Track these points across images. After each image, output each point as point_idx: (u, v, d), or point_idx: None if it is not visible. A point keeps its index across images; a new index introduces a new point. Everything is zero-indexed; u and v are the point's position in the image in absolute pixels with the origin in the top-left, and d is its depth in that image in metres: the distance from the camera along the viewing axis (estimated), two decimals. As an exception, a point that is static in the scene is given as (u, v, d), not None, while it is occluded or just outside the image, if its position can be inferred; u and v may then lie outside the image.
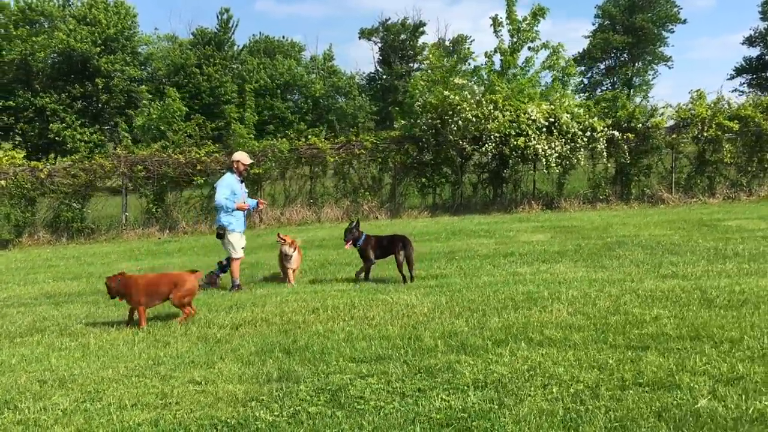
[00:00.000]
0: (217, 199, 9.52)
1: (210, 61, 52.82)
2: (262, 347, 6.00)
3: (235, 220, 9.65)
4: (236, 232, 9.66)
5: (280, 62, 57.25)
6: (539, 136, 18.05)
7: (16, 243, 18.19)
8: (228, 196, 9.52)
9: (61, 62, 48.33)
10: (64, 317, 8.12)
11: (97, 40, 47.61)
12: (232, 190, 9.60)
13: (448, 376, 4.91)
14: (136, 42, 54.17)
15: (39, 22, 52.87)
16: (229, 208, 9.54)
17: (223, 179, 9.76)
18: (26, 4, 50.68)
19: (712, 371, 4.69)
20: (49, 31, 49.80)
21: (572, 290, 7.70)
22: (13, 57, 46.73)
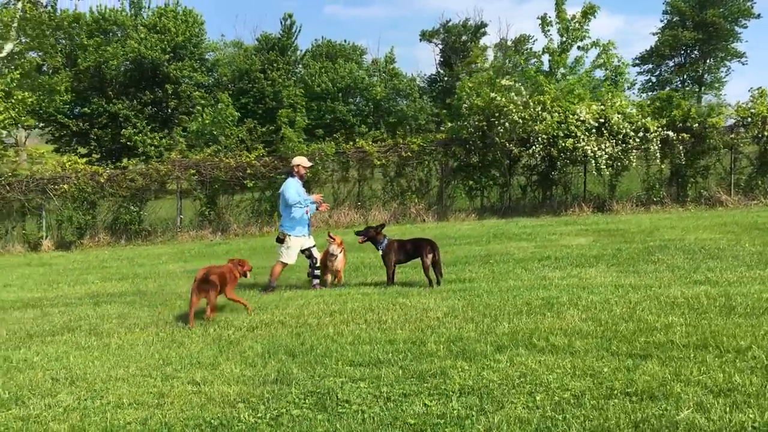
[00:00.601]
0: (291, 198, 9.71)
1: (273, 66, 53.65)
2: (268, 349, 6.12)
3: (297, 225, 9.85)
4: (298, 237, 9.83)
5: (341, 66, 57.67)
6: (588, 137, 17.68)
7: (78, 244, 18.99)
8: (296, 196, 9.76)
9: (133, 70, 49.94)
10: (98, 317, 8.44)
11: (166, 48, 49.01)
12: (297, 192, 9.81)
13: (437, 382, 4.92)
14: (203, 49, 55.45)
15: (112, 31, 54.83)
16: (305, 201, 9.80)
17: (287, 183, 9.97)
18: (100, 14, 52.63)
19: (706, 381, 4.56)
20: (122, 40, 51.61)
21: (593, 296, 7.57)
22: (87, 65, 48.65)
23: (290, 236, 9.79)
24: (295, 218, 9.79)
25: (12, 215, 19.41)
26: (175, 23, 50.96)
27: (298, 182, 10.00)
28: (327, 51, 62.89)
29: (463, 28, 62.47)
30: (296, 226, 9.83)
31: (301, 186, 10.06)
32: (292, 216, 9.79)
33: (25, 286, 12.42)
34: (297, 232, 9.83)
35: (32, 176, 19.20)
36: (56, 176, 19.16)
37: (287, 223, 9.87)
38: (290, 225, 9.83)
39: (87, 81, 49.95)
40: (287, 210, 9.84)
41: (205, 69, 54.06)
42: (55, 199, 18.97)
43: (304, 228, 9.93)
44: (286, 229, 9.86)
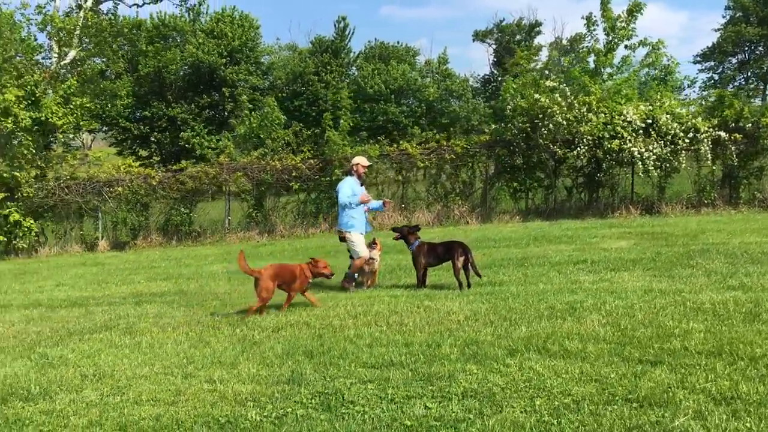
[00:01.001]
0: (341, 199, 9.87)
1: (327, 69, 54.19)
2: (288, 350, 6.28)
3: (356, 222, 9.92)
4: (358, 232, 9.91)
5: (394, 67, 57.80)
6: (635, 138, 17.36)
7: (131, 245, 19.64)
8: (351, 196, 9.84)
9: (191, 74, 51.16)
10: (137, 316, 8.77)
11: (223, 52, 50.06)
12: (353, 191, 9.90)
13: (443, 385, 5.00)
14: (259, 52, 56.34)
15: (171, 36, 56.29)
16: (352, 203, 9.81)
17: (343, 182, 10.12)
18: (160, 20, 54.06)
19: (711, 389, 4.53)
20: (181, 45, 52.93)
21: (619, 301, 7.50)
22: (148, 71, 50.06)
23: (351, 232, 9.88)
24: (351, 216, 9.89)
25: (70, 216, 20.21)
26: (231, 28, 52.05)
27: (356, 181, 10.09)
28: (380, 53, 63.22)
29: (517, 27, 62.18)
30: (353, 223, 9.90)
31: (358, 185, 10.11)
32: (347, 214, 9.89)
33: (76, 285, 12.95)
34: (355, 229, 9.90)
35: (89, 179, 19.94)
36: (111, 179, 19.86)
37: (344, 221, 9.96)
38: (347, 223, 9.92)
39: (147, 86, 51.46)
40: (343, 208, 9.96)
41: (260, 72, 55.05)
42: (110, 201, 19.68)
43: (361, 226, 10.00)
44: (343, 227, 9.97)
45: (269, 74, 57.37)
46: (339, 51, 56.41)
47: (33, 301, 10.99)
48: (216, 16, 54.64)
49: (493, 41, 62.71)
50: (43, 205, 19.79)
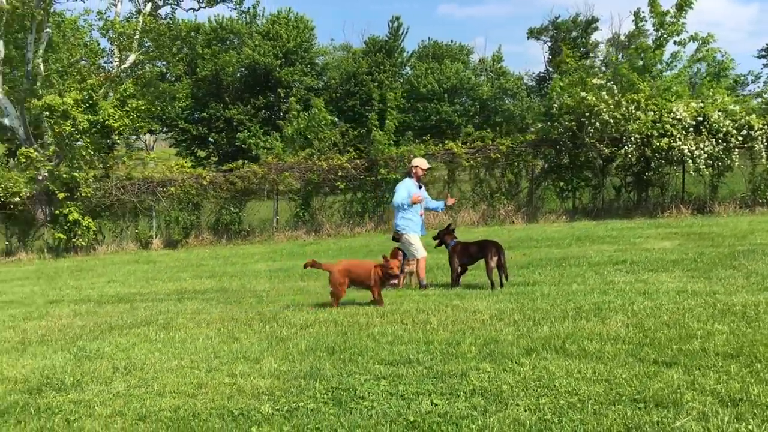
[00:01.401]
0: (394, 200, 9.92)
1: (380, 68, 54.42)
2: (312, 346, 6.43)
3: (411, 224, 9.93)
4: (412, 233, 9.93)
5: (447, 66, 57.65)
6: (685, 136, 16.97)
7: (183, 243, 20.24)
8: (405, 198, 9.84)
9: (247, 76, 52.11)
10: (176, 312, 9.08)
11: (278, 54, 50.89)
12: (409, 193, 9.89)
13: (454, 382, 5.05)
14: (313, 53, 56.98)
15: (229, 39, 57.46)
16: (404, 204, 9.81)
17: (401, 183, 10.15)
18: (218, 23, 55.22)
19: (721, 391, 4.47)
20: (238, 48, 53.99)
21: (649, 301, 7.43)
22: (206, 73, 51.26)
23: (404, 234, 9.89)
24: (406, 218, 9.90)
25: (126, 215, 20.94)
26: (286, 29, 52.89)
27: (414, 183, 10.07)
28: (433, 52, 63.23)
29: (573, 24, 61.27)
30: (408, 224, 9.91)
31: (416, 187, 10.08)
32: (402, 215, 9.91)
33: (127, 282, 13.46)
34: (410, 230, 9.91)
35: (144, 179, 20.62)
36: (165, 179, 20.50)
37: (400, 222, 9.96)
38: (403, 224, 9.93)
39: (205, 88, 52.71)
40: (397, 210, 9.98)
41: (314, 73, 55.72)
42: (163, 200, 20.31)
43: (417, 227, 10.00)
44: (399, 227, 9.97)
45: (323, 75, 58.01)
46: (392, 51, 56.64)
47: (84, 297, 11.49)
48: (272, 18, 55.62)
49: (548, 38, 62.01)
50: (101, 205, 20.59)
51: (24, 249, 21.13)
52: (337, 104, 55.19)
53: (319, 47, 59.51)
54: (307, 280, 11.86)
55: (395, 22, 57.52)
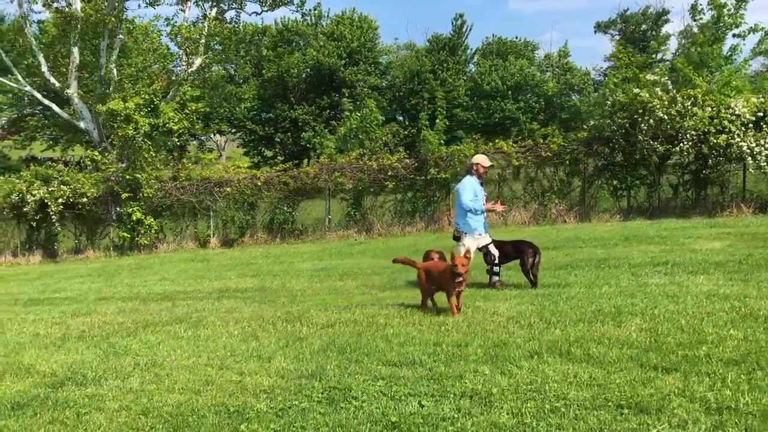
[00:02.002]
0: (464, 203, 9.53)
1: (443, 66, 54.29)
2: (324, 346, 6.58)
3: (476, 224, 9.68)
4: (473, 235, 9.65)
5: (511, 63, 56.97)
6: (744, 132, 16.33)
7: (239, 242, 20.77)
8: (472, 198, 9.55)
9: (312, 76, 52.86)
10: (211, 310, 9.42)
11: (342, 54, 51.46)
12: (474, 192, 9.62)
13: (449, 384, 5.13)
14: (377, 53, 57.31)
15: (295, 40, 58.45)
16: (477, 209, 9.55)
17: (463, 182, 9.77)
18: (284, 25, 56.19)
19: (710, 398, 4.41)
20: (303, 49, 54.84)
21: (674, 304, 7.30)
22: (271, 75, 52.32)
23: (465, 234, 9.68)
24: (473, 218, 9.64)
25: (186, 215, 21.63)
26: (350, 30, 53.40)
27: (476, 182, 9.74)
28: (498, 48, 62.59)
29: (643, 16, 59.56)
30: (471, 224, 9.65)
31: (479, 185, 9.78)
32: (468, 215, 9.62)
33: (177, 280, 13.94)
34: (472, 230, 9.67)
35: (202, 180, 21.25)
36: (221, 180, 21.08)
37: (462, 221, 9.72)
38: (464, 222, 9.68)
39: (272, 89, 53.78)
40: (461, 207, 9.67)
41: (378, 72, 56.04)
42: (220, 200, 20.89)
43: (479, 226, 9.73)
44: (461, 227, 9.75)
45: (387, 74, 58.29)
46: (456, 48, 56.39)
47: (133, 294, 11.99)
48: (336, 18, 56.30)
49: (616, 32, 60.46)
50: (162, 205, 21.34)
51: (92, 247, 22.12)
52: (400, 103, 55.37)
53: (383, 46, 59.80)
54: (345, 279, 12.03)
55: (459, 20, 57.24)
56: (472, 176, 9.76)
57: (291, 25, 56.71)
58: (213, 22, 29.03)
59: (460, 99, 52.58)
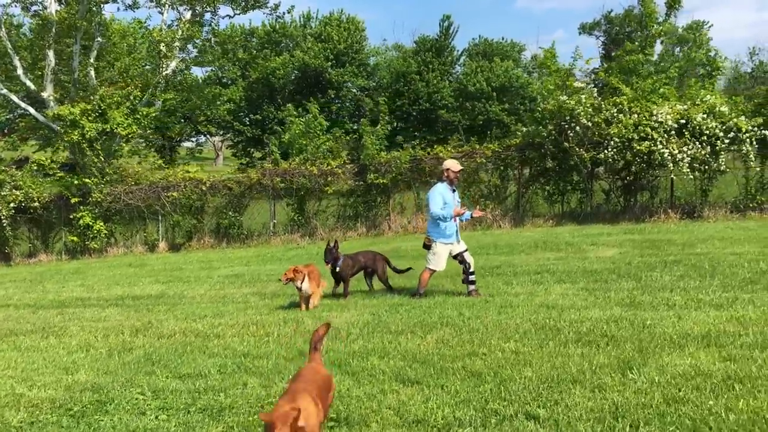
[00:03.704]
0: (433, 211, 9.24)
1: (429, 68, 54.46)
2: (140, 358, 6.90)
3: (445, 231, 9.37)
4: (445, 243, 9.40)
5: (497, 64, 57.04)
6: (667, 139, 16.50)
7: (186, 246, 21.07)
8: (442, 206, 9.20)
9: (299, 78, 53.07)
10: (86, 319, 9.74)
11: (329, 56, 51.67)
12: (443, 199, 9.26)
13: (204, 397, 5.40)
14: (364, 54, 57.47)
15: (283, 42, 58.75)
16: (446, 217, 9.21)
17: (433, 189, 9.44)
18: (271, 27, 56.42)
19: (412, 411, 4.67)
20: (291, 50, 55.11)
21: (500, 315, 7.64)
22: (257, 76, 52.63)
23: (436, 242, 9.38)
24: (443, 225, 9.35)
25: (135, 220, 21.91)
26: (338, 31, 53.64)
27: (447, 188, 9.38)
28: (484, 50, 62.70)
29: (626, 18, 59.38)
30: (443, 231, 9.36)
31: (449, 192, 9.38)
32: (438, 223, 9.34)
33: (94, 286, 14.10)
34: (444, 238, 9.37)
35: (150, 184, 21.52)
36: (169, 184, 21.34)
37: (433, 229, 9.45)
38: (436, 231, 9.40)
39: (258, 90, 54.12)
40: (431, 215, 9.43)
41: (365, 73, 56.27)
42: (167, 205, 21.16)
43: (452, 234, 9.44)
44: (432, 234, 9.45)
45: (374, 75, 58.51)
46: (442, 50, 56.58)
47: (35, 301, 12.30)
48: (324, 20, 56.65)
49: (601, 33, 60.48)
50: (111, 209, 21.62)
51: (45, 251, 22.46)
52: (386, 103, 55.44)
53: (371, 48, 60.02)
54: (245, 286, 12.26)
55: (446, 21, 57.45)
56: (443, 182, 9.45)
57: (278, 28, 57.04)
58: (185, 25, 29.04)
59: (445, 100, 52.88)
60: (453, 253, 9.50)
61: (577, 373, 5.20)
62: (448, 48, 57.76)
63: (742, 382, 4.71)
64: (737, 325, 6.31)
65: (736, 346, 5.59)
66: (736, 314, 6.81)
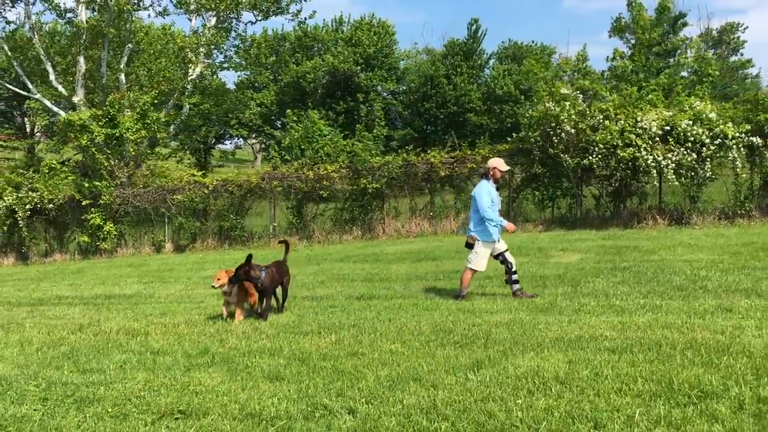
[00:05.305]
0: (484, 210, 9.12)
1: (457, 71, 54.56)
2: (61, 354, 7.36)
3: (489, 230, 9.28)
4: (488, 242, 9.32)
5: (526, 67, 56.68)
6: (652, 146, 16.46)
7: (191, 248, 21.75)
8: (489, 205, 9.16)
9: (329, 82, 53.72)
10: (47, 317, 10.29)
11: (358, 60, 52.21)
12: (491, 198, 9.24)
13: (87, 390, 5.84)
14: (394, 58, 57.86)
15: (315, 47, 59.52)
16: (494, 220, 9.16)
17: (480, 187, 9.37)
18: (303, 31, 57.21)
19: (254, 405, 5.03)
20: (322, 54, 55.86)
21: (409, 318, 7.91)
22: (288, 80, 53.50)
23: (480, 242, 9.31)
24: (485, 223, 9.24)
25: (144, 221, 22.69)
26: (368, 35, 54.11)
27: (492, 187, 9.37)
28: (513, 53, 62.53)
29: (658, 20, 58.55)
30: (486, 230, 9.24)
31: (495, 191, 9.41)
32: (483, 222, 9.24)
33: (82, 285, 14.76)
34: (487, 237, 9.28)
35: (157, 188, 22.27)
36: (175, 188, 22.06)
37: (477, 227, 9.35)
38: (482, 230, 9.30)
39: (289, 94, 54.99)
40: (477, 213, 9.28)
41: (395, 77, 56.66)
42: (173, 207, 21.86)
43: (497, 233, 9.33)
44: (476, 233, 9.35)
45: (404, 79, 58.88)
46: (471, 53, 56.63)
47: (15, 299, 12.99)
48: (355, 24, 57.27)
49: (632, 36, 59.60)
50: (121, 211, 22.44)
51: (60, 251, 23.43)
52: (414, 107, 55.83)
53: (401, 52, 60.35)
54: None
55: (474, 25, 57.52)
56: (489, 181, 9.39)
57: (310, 32, 57.81)
58: (212, 31, 29.69)
59: (473, 104, 52.95)
60: (494, 253, 9.43)
61: (427, 373, 5.51)
62: (476, 51, 57.81)
63: (565, 383, 4.96)
64: (613, 331, 6.52)
65: (591, 350, 5.82)
66: (627, 320, 7.02)
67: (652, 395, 4.57)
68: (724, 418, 4.09)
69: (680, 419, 4.12)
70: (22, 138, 52.07)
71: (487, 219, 9.10)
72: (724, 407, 4.25)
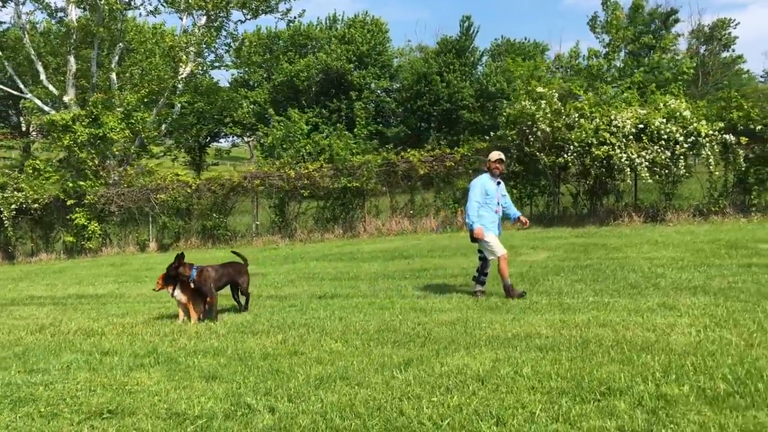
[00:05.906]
0: (467, 205, 9.27)
1: (450, 68, 54.59)
2: (14, 354, 7.47)
3: (486, 222, 9.17)
4: (490, 232, 9.20)
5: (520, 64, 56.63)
6: (625, 144, 16.58)
7: (174, 247, 21.85)
8: (478, 198, 9.11)
9: (323, 80, 53.78)
10: (15, 317, 10.38)
11: (351, 57, 52.25)
12: (485, 190, 9.16)
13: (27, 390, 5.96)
14: (387, 56, 57.90)
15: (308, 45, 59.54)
16: (470, 217, 9.14)
17: (476, 180, 9.32)
18: (296, 29, 57.21)
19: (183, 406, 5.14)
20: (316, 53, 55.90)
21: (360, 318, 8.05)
22: (282, 79, 53.56)
23: (479, 227, 9.11)
24: (483, 216, 9.17)
25: (128, 221, 22.81)
26: (361, 33, 54.19)
27: (490, 179, 9.25)
28: (506, 50, 62.62)
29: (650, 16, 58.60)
30: (485, 224, 9.16)
31: (493, 184, 9.25)
32: (480, 214, 9.17)
33: (57, 285, 14.91)
34: (487, 230, 9.16)
35: (140, 187, 22.40)
36: (158, 187, 22.19)
37: (470, 220, 9.24)
38: (474, 221, 9.16)
39: (283, 93, 55.03)
40: (478, 206, 9.18)
41: (388, 75, 56.72)
42: (157, 206, 21.99)
43: (494, 227, 9.29)
44: (472, 222, 9.21)
45: (397, 76, 58.93)
46: (463, 50, 56.70)
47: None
48: (348, 22, 57.31)
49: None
50: (105, 211, 22.58)
51: (46, 250, 23.57)
52: (407, 104, 55.93)
53: (394, 50, 60.41)
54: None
55: (466, 22, 57.58)
56: (487, 173, 9.33)
57: (303, 30, 57.84)
58: (202, 30, 29.73)
59: (466, 101, 53.03)
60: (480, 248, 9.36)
61: (357, 372, 5.64)
62: (469, 48, 57.86)
63: (483, 381, 5.09)
64: (550, 329, 6.65)
65: (521, 349, 5.95)
66: (568, 318, 7.15)
67: (561, 392, 4.69)
68: (619, 414, 4.22)
69: (578, 415, 4.24)
70: (17, 137, 52.13)
71: (466, 213, 9.22)
72: (623, 404, 4.38)
